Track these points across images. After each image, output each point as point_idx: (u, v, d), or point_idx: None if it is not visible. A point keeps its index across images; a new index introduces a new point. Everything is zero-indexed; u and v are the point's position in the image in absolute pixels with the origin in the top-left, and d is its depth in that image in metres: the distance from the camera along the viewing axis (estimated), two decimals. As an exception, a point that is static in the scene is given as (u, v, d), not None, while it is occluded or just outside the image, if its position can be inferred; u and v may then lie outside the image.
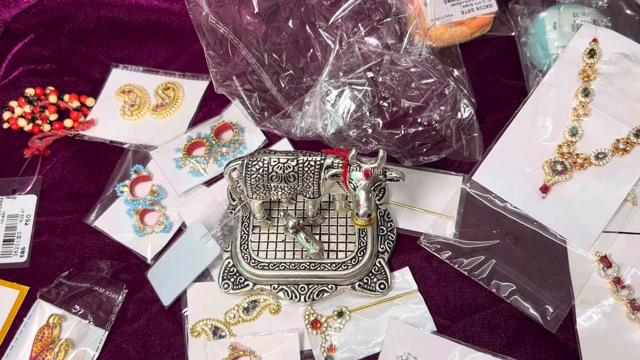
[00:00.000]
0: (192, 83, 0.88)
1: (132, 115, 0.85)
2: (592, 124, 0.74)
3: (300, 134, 0.76)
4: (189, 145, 0.80)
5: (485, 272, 0.70)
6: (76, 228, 0.77)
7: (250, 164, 0.61)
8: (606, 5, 0.82)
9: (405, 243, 0.73)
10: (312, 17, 0.73)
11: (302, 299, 0.68)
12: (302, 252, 0.69)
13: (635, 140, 0.71)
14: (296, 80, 0.77)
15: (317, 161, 0.61)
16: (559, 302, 0.68)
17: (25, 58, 0.91)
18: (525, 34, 0.84)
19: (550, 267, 0.70)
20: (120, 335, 0.69)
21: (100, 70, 0.91)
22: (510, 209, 0.73)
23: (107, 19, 0.93)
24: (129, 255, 0.75)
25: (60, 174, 0.81)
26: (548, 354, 0.66)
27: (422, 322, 0.68)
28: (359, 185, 0.59)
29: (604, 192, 0.71)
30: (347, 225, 0.71)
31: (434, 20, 0.81)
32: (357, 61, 0.71)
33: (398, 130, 0.72)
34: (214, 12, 0.72)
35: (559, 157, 0.73)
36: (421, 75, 0.71)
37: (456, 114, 0.71)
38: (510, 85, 0.84)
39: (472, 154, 0.74)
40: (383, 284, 0.69)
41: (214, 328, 0.69)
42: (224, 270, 0.70)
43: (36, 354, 0.67)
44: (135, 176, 0.79)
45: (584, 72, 0.75)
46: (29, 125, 0.84)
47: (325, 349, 0.67)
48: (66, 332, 0.68)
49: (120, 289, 0.71)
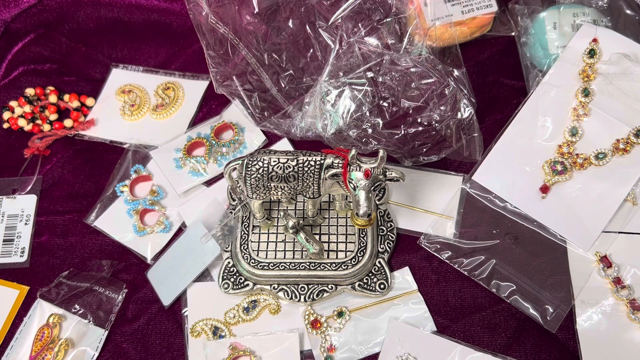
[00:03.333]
0: (192, 83, 0.88)
1: (132, 115, 0.85)
2: (592, 124, 0.74)
3: (300, 134, 0.76)
4: (189, 145, 0.80)
5: (485, 272, 0.70)
6: (76, 228, 0.77)
7: (250, 164, 0.61)
8: (606, 5, 0.82)
9: (405, 243, 0.73)
10: (312, 17, 0.73)
11: (302, 299, 0.68)
12: (302, 252, 0.69)
13: (635, 140, 0.71)
14: (296, 80, 0.77)
15: (317, 161, 0.61)
16: (559, 302, 0.68)
17: (25, 58, 0.91)
18: (525, 34, 0.84)
19: (550, 267, 0.70)
20: (120, 335, 0.70)
21: (100, 70, 0.91)
22: (510, 209, 0.73)
23: (107, 19, 0.93)
24: (129, 255, 0.75)
25: (60, 174, 0.81)
26: (548, 354, 0.66)
27: (422, 322, 0.68)
28: (359, 185, 0.59)
29: (604, 192, 0.71)
30: (347, 225, 0.71)
31: (434, 20, 0.81)
32: (357, 61, 0.71)
33: (398, 130, 0.72)
34: (214, 12, 0.72)
35: (559, 157, 0.73)
36: (421, 75, 0.71)
37: (456, 114, 0.71)
38: (510, 85, 0.84)
39: (472, 154, 0.74)
40: (383, 284, 0.69)
41: (214, 328, 0.69)
42: (224, 270, 0.70)
43: (36, 353, 0.67)
44: (135, 176, 0.79)
45: (584, 72, 0.75)
46: (29, 125, 0.84)
47: (325, 349, 0.67)
48: (66, 331, 0.68)
49: (120, 289, 0.71)
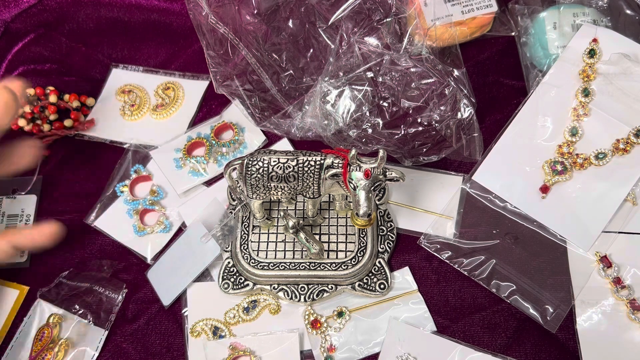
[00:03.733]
0: (192, 83, 0.88)
1: (132, 115, 0.85)
2: (592, 124, 0.74)
3: (300, 134, 0.76)
4: (189, 145, 0.80)
5: (485, 272, 0.70)
6: (76, 228, 0.77)
7: (250, 164, 0.61)
8: (606, 5, 0.82)
9: (405, 243, 0.73)
10: (312, 17, 0.73)
11: (302, 299, 0.68)
12: (302, 252, 0.69)
13: (635, 140, 0.71)
14: (296, 80, 0.77)
15: (317, 161, 0.61)
16: (559, 302, 0.68)
17: (25, 58, 0.91)
18: (525, 34, 0.84)
19: (550, 267, 0.70)
20: (120, 335, 0.70)
21: (100, 70, 0.90)
22: (510, 209, 0.73)
23: (107, 19, 0.93)
24: (129, 255, 0.75)
25: (60, 174, 0.81)
26: (548, 354, 0.66)
27: (422, 322, 0.68)
28: (359, 185, 0.59)
29: (604, 192, 0.71)
30: (347, 225, 0.71)
31: (434, 20, 0.81)
32: (357, 61, 0.71)
33: (398, 130, 0.72)
34: (214, 12, 0.72)
35: (559, 157, 0.73)
36: (421, 75, 0.71)
37: (456, 114, 0.71)
38: (510, 85, 0.84)
39: (472, 154, 0.74)
40: (383, 284, 0.69)
41: (214, 328, 0.69)
42: (224, 270, 0.70)
43: (36, 353, 0.67)
44: (135, 176, 0.79)
45: (584, 72, 0.75)
46: (29, 125, 0.84)
47: (325, 349, 0.67)
48: (66, 331, 0.68)
49: (120, 289, 0.71)
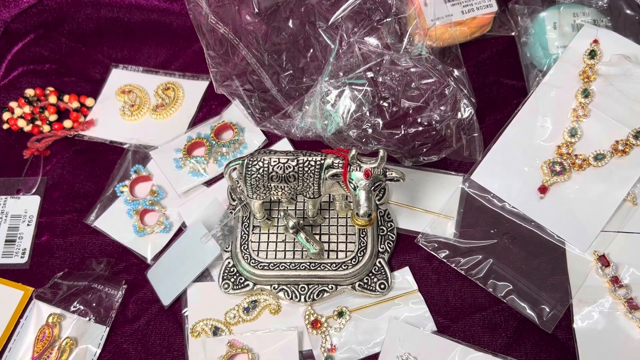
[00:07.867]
0: (192, 83, 0.88)
1: (132, 115, 0.85)
2: (591, 125, 0.74)
3: (300, 134, 0.76)
4: (189, 145, 0.80)
5: (482, 271, 0.70)
6: (76, 228, 0.77)
7: (250, 164, 0.61)
8: (606, 5, 0.82)
9: (406, 243, 0.73)
10: (312, 17, 0.73)
11: (302, 299, 0.68)
12: (302, 252, 0.70)
13: (634, 142, 0.72)
14: (296, 80, 0.77)
15: (317, 161, 0.61)
16: (556, 303, 0.68)
17: (25, 58, 0.91)
18: (525, 34, 0.84)
19: (548, 267, 0.70)
20: (120, 335, 0.70)
21: (100, 70, 0.91)
22: (509, 209, 0.73)
23: (107, 19, 0.93)
24: (129, 255, 0.75)
25: (60, 175, 0.81)
26: (548, 354, 0.66)
27: (422, 322, 0.68)
28: (359, 185, 0.59)
29: (602, 193, 0.72)
30: (347, 225, 0.71)
31: (434, 20, 0.81)
32: (357, 61, 0.71)
33: (398, 130, 0.72)
34: (214, 12, 0.72)
35: (558, 157, 0.73)
36: (421, 75, 0.71)
37: (456, 114, 0.71)
38: (510, 85, 0.84)
39: (472, 154, 0.74)
40: (383, 284, 0.69)
41: (214, 328, 0.69)
42: (224, 270, 0.70)
43: (38, 353, 0.67)
44: (135, 176, 0.79)
45: (584, 73, 0.75)
46: (29, 126, 0.84)
47: (326, 349, 0.67)
48: (66, 330, 0.68)
49: (119, 285, 0.71)
